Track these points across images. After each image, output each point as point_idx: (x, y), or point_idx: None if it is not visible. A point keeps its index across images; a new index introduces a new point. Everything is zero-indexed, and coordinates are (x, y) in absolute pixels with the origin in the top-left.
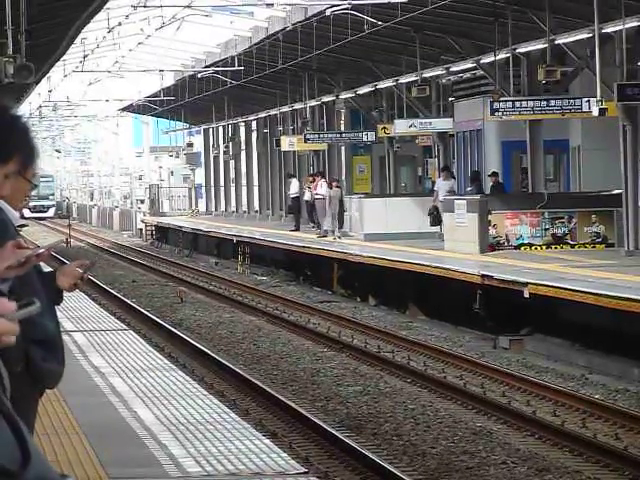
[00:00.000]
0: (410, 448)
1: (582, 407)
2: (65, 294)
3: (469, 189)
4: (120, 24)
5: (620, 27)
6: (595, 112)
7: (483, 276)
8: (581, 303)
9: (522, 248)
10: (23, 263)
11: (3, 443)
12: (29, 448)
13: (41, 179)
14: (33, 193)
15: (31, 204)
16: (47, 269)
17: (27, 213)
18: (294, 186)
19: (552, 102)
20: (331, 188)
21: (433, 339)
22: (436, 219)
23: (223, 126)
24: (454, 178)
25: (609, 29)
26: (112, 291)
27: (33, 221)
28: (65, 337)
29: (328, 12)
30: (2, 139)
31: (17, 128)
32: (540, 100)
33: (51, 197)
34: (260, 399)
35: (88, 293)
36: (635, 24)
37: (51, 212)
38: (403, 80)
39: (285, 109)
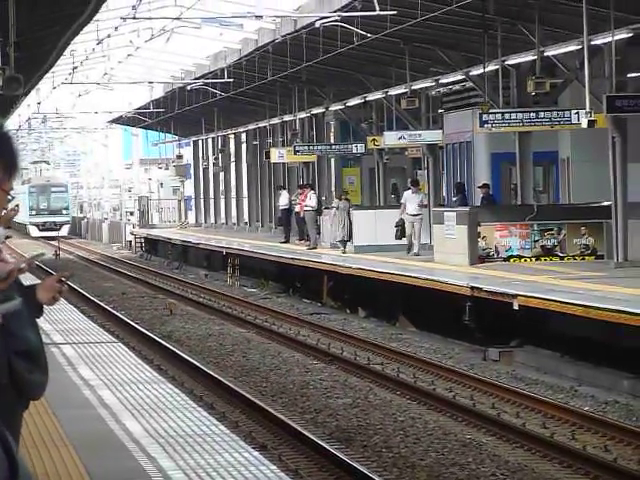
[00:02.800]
0: (400, 460)
1: (572, 419)
2: (52, 306)
3: (454, 199)
4: (109, 36)
5: (609, 39)
6: (584, 124)
7: (472, 288)
8: (571, 315)
9: (511, 260)
10: (5, 278)
11: None
12: (17, 461)
13: (52, 189)
14: (42, 207)
15: (40, 220)
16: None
17: (35, 232)
18: (284, 198)
19: (541, 114)
20: (340, 200)
21: (423, 351)
22: (402, 232)
23: (213, 138)
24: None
25: (598, 41)
26: (101, 303)
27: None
28: (54, 350)
29: (317, 24)
30: None
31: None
32: (529, 112)
33: (65, 211)
34: (250, 411)
35: (77, 305)
36: (624, 36)
37: (64, 230)
38: (393, 92)
39: (275, 121)
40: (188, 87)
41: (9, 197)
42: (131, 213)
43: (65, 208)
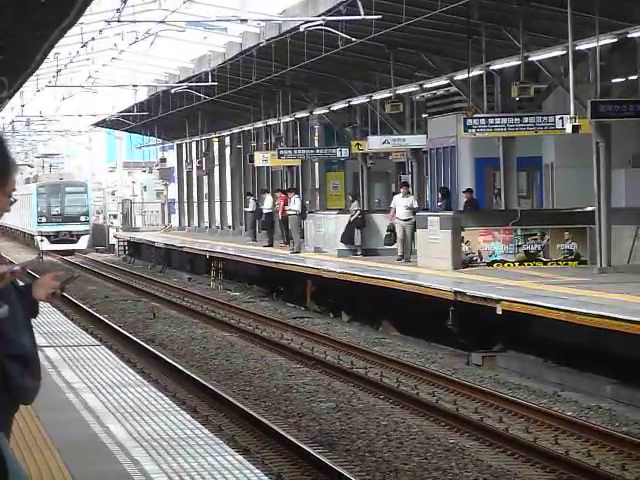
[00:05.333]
0: (383, 464)
1: (554, 424)
2: (40, 309)
3: (439, 204)
4: (94, 39)
5: (594, 44)
6: (568, 129)
7: (456, 293)
8: (554, 320)
9: (495, 265)
10: None
11: None
12: (7, 464)
13: (67, 189)
14: (55, 212)
15: (52, 229)
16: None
17: (45, 244)
18: (267, 202)
19: (525, 119)
20: (352, 202)
21: (406, 355)
22: (394, 237)
23: (196, 141)
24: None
25: (583, 46)
26: (84, 307)
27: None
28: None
29: (302, 28)
30: None
31: None
32: (513, 117)
33: (84, 218)
34: (233, 415)
35: (61, 309)
36: (609, 41)
37: (83, 243)
38: (377, 96)
39: (259, 125)
40: (172, 90)
41: (10, 201)
42: (114, 216)
43: (84, 214)
